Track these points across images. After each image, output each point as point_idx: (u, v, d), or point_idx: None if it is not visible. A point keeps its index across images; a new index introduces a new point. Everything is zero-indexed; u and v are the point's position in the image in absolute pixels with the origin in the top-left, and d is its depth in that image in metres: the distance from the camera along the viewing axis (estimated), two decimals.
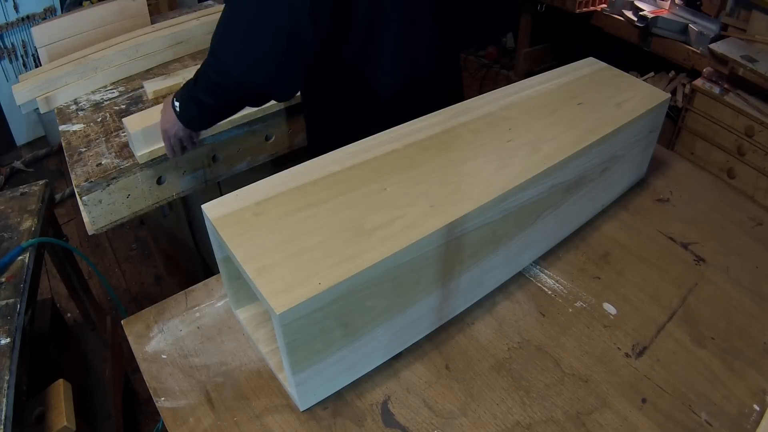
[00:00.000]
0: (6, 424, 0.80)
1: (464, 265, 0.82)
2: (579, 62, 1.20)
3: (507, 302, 0.91)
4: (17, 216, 1.15)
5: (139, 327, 0.87)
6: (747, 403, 0.77)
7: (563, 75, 1.13)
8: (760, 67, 1.74)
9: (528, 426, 0.74)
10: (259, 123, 1.39)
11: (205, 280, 0.94)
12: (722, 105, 1.90)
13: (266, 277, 0.66)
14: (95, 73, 1.51)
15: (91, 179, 1.18)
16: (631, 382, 0.80)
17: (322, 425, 0.74)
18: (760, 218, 1.09)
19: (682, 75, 2.17)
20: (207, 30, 1.67)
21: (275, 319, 0.63)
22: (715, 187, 1.19)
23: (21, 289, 0.99)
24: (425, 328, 0.85)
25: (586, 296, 0.92)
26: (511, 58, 3.08)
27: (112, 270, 2.22)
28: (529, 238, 0.92)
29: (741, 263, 0.99)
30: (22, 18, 2.60)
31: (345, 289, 0.67)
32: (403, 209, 0.76)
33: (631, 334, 0.87)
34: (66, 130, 1.35)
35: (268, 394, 0.78)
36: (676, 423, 0.75)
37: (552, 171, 0.87)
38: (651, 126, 1.08)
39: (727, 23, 1.96)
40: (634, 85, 1.11)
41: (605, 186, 1.05)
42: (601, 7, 2.35)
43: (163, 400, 0.77)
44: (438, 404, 0.77)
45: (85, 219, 1.22)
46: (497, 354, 0.83)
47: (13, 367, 0.88)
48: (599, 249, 1.02)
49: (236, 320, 0.88)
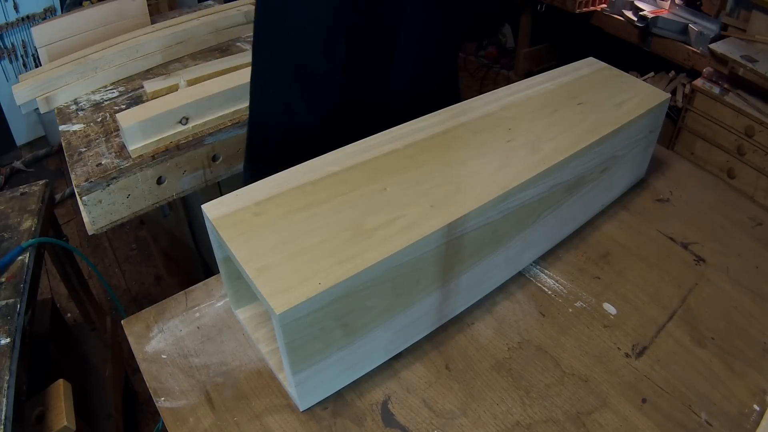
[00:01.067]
0: (6, 424, 0.80)
1: (464, 265, 0.82)
2: (579, 62, 1.20)
3: (507, 302, 0.91)
4: (17, 216, 1.15)
5: (139, 327, 0.87)
6: (747, 403, 0.77)
7: (563, 75, 1.13)
8: (760, 67, 1.74)
9: (528, 426, 0.74)
10: None
11: (205, 280, 0.94)
12: (722, 105, 1.91)
13: (266, 277, 0.66)
14: (95, 73, 1.51)
15: (91, 179, 1.18)
16: (631, 382, 0.80)
17: (322, 425, 0.74)
18: (760, 218, 1.09)
19: (682, 75, 2.17)
20: (207, 30, 1.67)
21: (275, 319, 0.63)
22: (715, 187, 1.19)
23: (21, 289, 0.99)
24: (425, 328, 0.85)
25: (586, 296, 0.92)
26: (511, 58, 3.08)
27: (112, 270, 2.22)
28: (529, 238, 0.92)
29: (741, 263, 1.00)
30: (22, 18, 2.60)
31: (345, 289, 0.67)
32: (403, 209, 0.76)
33: (631, 334, 0.87)
34: (66, 130, 1.35)
35: (268, 394, 0.78)
36: (676, 423, 0.75)
37: (552, 171, 0.87)
38: (651, 126, 1.08)
39: (727, 23, 1.97)
40: (634, 85, 1.11)
41: (605, 186, 1.05)
42: (601, 7, 2.35)
43: (163, 400, 0.77)
44: (438, 404, 0.77)
45: (85, 219, 1.22)
46: (497, 354, 0.83)
47: (13, 367, 0.88)
48: (599, 249, 1.02)
49: (236, 320, 0.88)
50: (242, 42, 1.71)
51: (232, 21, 1.72)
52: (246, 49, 1.65)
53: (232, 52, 1.63)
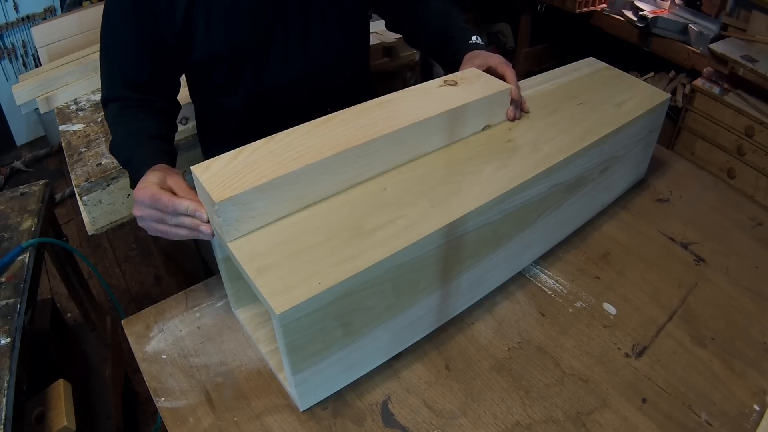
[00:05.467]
0: (6, 424, 0.80)
1: (464, 265, 0.82)
2: (579, 62, 1.20)
3: (507, 302, 0.91)
4: (17, 216, 1.15)
5: (139, 327, 0.87)
6: (747, 403, 0.77)
7: (563, 75, 1.14)
8: (760, 67, 1.74)
9: (528, 426, 0.74)
10: None
11: (205, 280, 0.95)
12: (722, 105, 1.91)
13: (266, 277, 0.66)
14: (95, 73, 1.51)
15: (91, 179, 1.18)
16: (631, 382, 0.80)
17: (322, 425, 0.74)
18: (760, 218, 1.09)
19: (682, 75, 2.17)
20: None
21: (275, 319, 0.63)
22: (715, 187, 1.19)
23: (21, 289, 0.99)
24: (425, 328, 0.85)
25: (586, 296, 0.92)
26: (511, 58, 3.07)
27: (112, 270, 2.22)
28: (529, 238, 0.92)
29: (741, 263, 1.00)
30: (22, 18, 2.60)
31: (345, 289, 0.67)
32: (403, 209, 0.76)
33: (631, 334, 0.87)
34: (66, 130, 1.35)
35: (268, 394, 0.78)
36: (676, 423, 0.75)
37: (552, 171, 0.87)
38: (651, 126, 1.08)
39: (727, 23, 1.97)
40: (634, 85, 1.11)
41: (605, 186, 1.05)
42: (601, 7, 2.35)
43: (163, 400, 0.77)
44: (438, 404, 0.77)
45: (85, 219, 1.22)
46: (497, 354, 0.83)
47: (13, 367, 0.88)
48: (599, 249, 1.02)
49: (236, 320, 0.88)
50: None
51: None
52: None
53: None
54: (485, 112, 0.92)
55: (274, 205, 0.73)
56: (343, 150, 0.76)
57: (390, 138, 0.80)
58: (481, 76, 0.95)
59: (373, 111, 0.85)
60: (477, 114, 0.91)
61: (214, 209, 0.68)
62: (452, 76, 0.94)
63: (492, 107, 0.93)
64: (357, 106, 0.86)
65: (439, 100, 0.87)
